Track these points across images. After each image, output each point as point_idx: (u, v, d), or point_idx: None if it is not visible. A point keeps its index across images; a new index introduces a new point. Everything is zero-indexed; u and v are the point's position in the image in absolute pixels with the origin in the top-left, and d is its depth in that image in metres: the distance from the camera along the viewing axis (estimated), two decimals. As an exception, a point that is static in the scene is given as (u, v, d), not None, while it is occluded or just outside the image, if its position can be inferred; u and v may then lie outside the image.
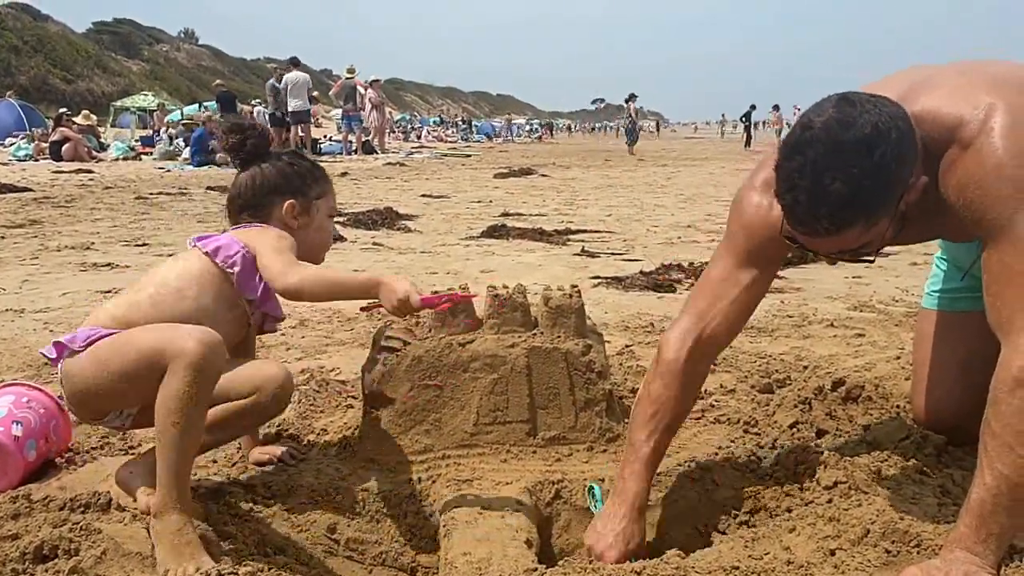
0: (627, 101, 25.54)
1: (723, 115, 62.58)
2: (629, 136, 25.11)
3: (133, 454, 2.15)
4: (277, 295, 1.88)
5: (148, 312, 1.73)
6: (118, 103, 32.72)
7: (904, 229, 1.58)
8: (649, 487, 1.78)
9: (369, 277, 1.81)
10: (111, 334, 1.70)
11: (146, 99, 32.13)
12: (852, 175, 1.41)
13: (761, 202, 1.75)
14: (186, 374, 1.54)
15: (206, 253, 1.84)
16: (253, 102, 23.02)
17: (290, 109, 19.16)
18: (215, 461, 2.15)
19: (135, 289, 1.82)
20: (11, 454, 1.92)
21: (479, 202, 9.97)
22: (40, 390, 2.12)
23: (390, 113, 24.60)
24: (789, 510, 1.76)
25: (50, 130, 18.52)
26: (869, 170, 1.41)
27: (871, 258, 1.60)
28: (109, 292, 4.40)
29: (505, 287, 2.11)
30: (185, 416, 1.55)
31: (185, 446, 1.58)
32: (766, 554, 1.55)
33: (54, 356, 1.75)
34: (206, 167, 15.72)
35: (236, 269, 1.82)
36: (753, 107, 30.34)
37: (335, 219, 2.14)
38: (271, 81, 19.75)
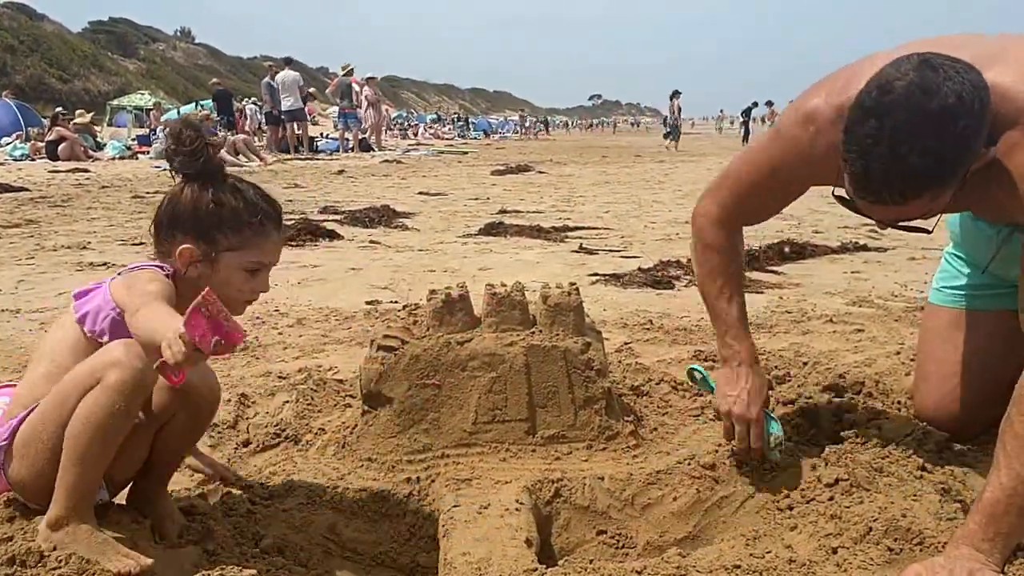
0: (672, 98, 25.47)
1: (721, 111, 62.60)
2: (673, 133, 25.00)
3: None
4: None
5: (46, 390, 1.57)
6: (114, 102, 32.65)
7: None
8: (752, 340, 1.91)
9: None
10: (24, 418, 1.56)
11: (142, 98, 32.06)
12: (932, 148, 1.35)
13: (802, 138, 1.71)
14: (118, 383, 1.42)
15: (79, 320, 1.66)
16: (244, 100, 22.97)
17: (284, 108, 19.16)
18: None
19: (31, 367, 1.69)
20: None
21: (476, 199, 9.95)
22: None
23: (387, 110, 24.56)
24: (790, 508, 1.75)
25: (46, 129, 18.48)
26: (950, 143, 1.36)
27: (929, 228, 1.56)
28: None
29: (503, 285, 2.10)
30: (107, 431, 1.43)
31: (100, 463, 1.46)
32: (768, 552, 1.54)
33: None
34: (203, 166, 15.67)
35: (105, 339, 1.59)
36: (754, 104, 30.35)
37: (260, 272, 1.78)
38: (266, 79, 19.76)
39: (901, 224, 1.54)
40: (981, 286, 2.06)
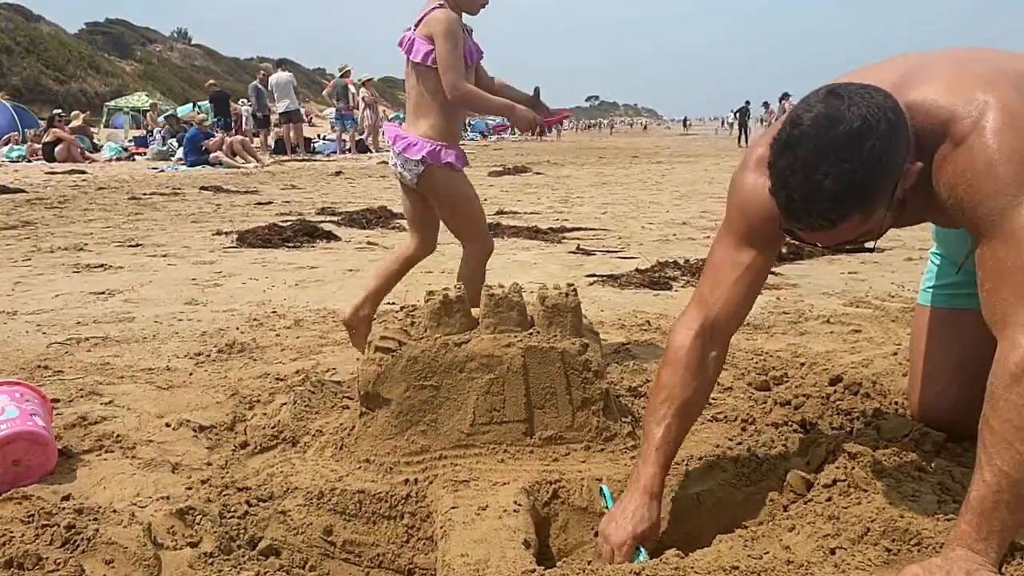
0: (781, 100, 25.41)
1: (727, 116, 62.66)
2: None
3: (129, 456, 2.14)
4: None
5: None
6: (111, 103, 32.63)
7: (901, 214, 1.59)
8: (662, 472, 1.75)
9: (505, 103, 2.92)
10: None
11: (139, 99, 32.06)
12: (844, 170, 1.41)
13: (756, 181, 1.72)
14: None
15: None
16: (241, 101, 22.99)
17: (280, 110, 19.19)
18: (210, 463, 2.14)
19: None
20: (50, 443, 2.00)
21: (474, 200, 9.94)
22: (17, 384, 2.13)
23: (384, 112, 24.56)
24: (788, 508, 1.75)
25: (43, 131, 18.45)
26: (860, 164, 1.41)
27: (872, 245, 1.61)
28: (103, 293, 4.39)
29: (501, 286, 2.09)
30: None
31: None
32: (766, 553, 1.54)
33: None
34: (199, 167, 15.68)
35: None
36: (747, 103, 30.32)
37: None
38: (254, 83, 19.81)
39: (845, 247, 1.60)
40: (962, 283, 2.07)
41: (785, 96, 25.27)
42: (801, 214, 1.48)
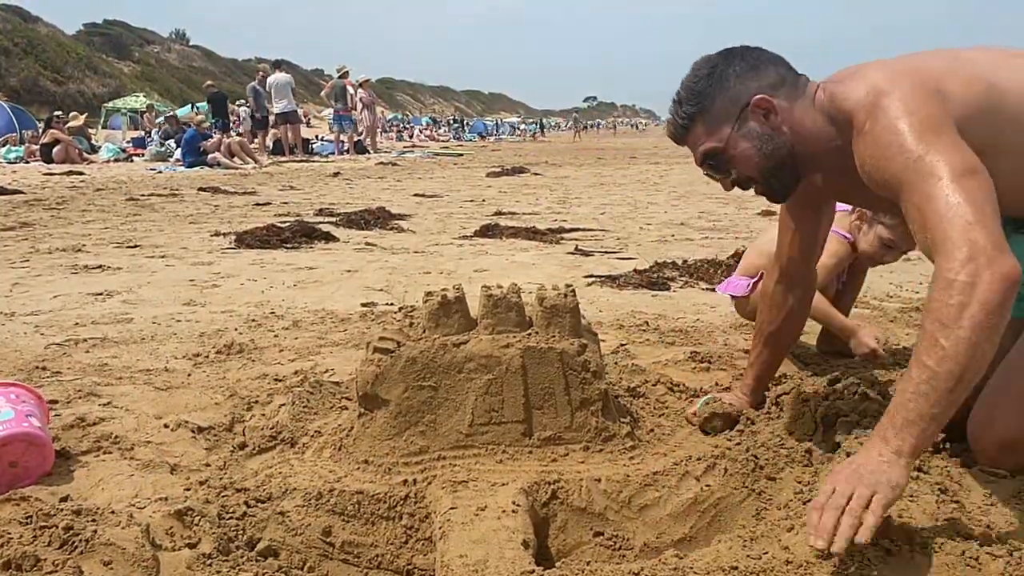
0: None
1: None
2: None
3: (128, 457, 2.14)
4: None
5: None
6: (109, 105, 32.62)
7: (834, 185, 1.98)
8: (753, 384, 2.36)
9: (846, 324, 2.90)
10: None
11: (137, 100, 32.06)
12: (687, 83, 1.89)
13: None
14: None
15: None
16: (238, 102, 23.01)
17: (277, 111, 19.20)
18: (208, 464, 2.13)
19: None
20: (47, 444, 1.99)
21: (472, 201, 9.96)
22: (14, 385, 2.13)
23: (382, 113, 24.56)
24: (787, 508, 1.75)
25: (40, 132, 18.45)
26: (703, 77, 1.86)
27: (746, 183, 1.93)
28: (101, 294, 4.38)
29: (499, 287, 2.09)
30: None
31: None
32: (765, 553, 1.54)
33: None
34: (197, 168, 15.67)
35: None
36: None
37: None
38: (252, 84, 19.83)
39: (716, 175, 1.95)
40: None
41: None
42: (668, 122, 1.97)
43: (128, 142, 21.95)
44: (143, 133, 23.38)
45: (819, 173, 1.97)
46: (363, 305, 4.15)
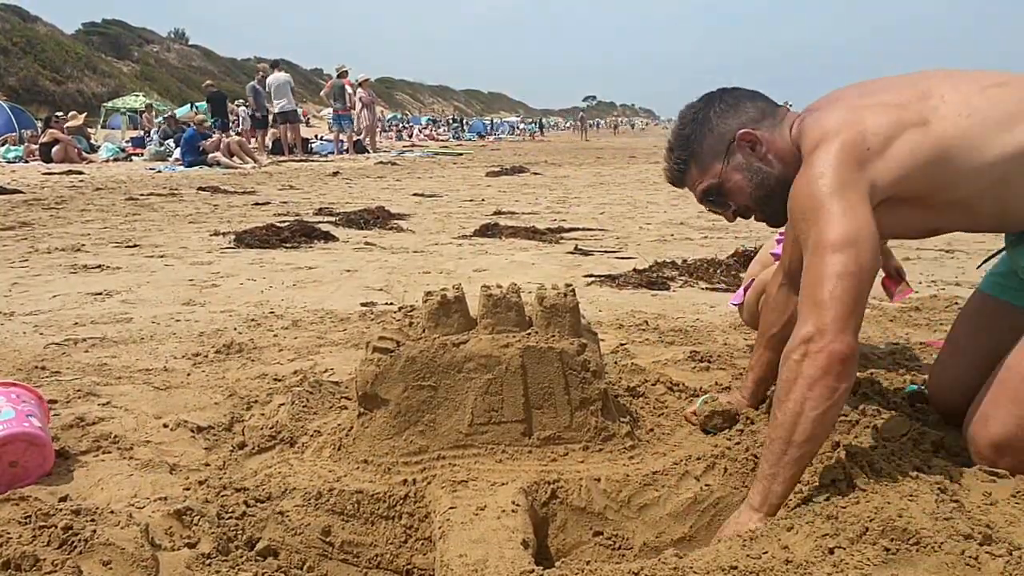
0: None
1: None
2: None
3: (127, 457, 2.14)
4: None
5: None
6: (108, 104, 32.62)
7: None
8: (752, 386, 2.34)
9: None
10: None
11: (136, 100, 32.05)
12: (678, 130, 2.04)
13: None
14: None
15: None
16: (237, 102, 23.01)
17: (276, 110, 19.18)
18: (207, 464, 2.13)
19: None
20: (47, 444, 1.99)
21: (471, 201, 9.96)
22: (14, 384, 2.13)
23: (381, 112, 24.56)
24: (787, 508, 1.75)
25: (40, 132, 18.44)
26: (688, 123, 2.01)
27: (745, 212, 2.03)
28: (100, 294, 4.38)
29: (499, 286, 2.09)
30: None
31: None
32: (764, 553, 1.54)
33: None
34: (197, 167, 15.67)
35: None
36: None
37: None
38: (252, 83, 19.81)
39: (718, 208, 2.05)
40: (1009, 275, 2.14)
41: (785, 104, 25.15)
42: (665, 170, 2.12)
43: (127, 142, 21.93)
44: (142, 133, 23.37)
45: None
46: (362, 305, 4.15)
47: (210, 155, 16.03)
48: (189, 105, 26.51)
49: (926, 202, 1.82)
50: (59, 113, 20.20)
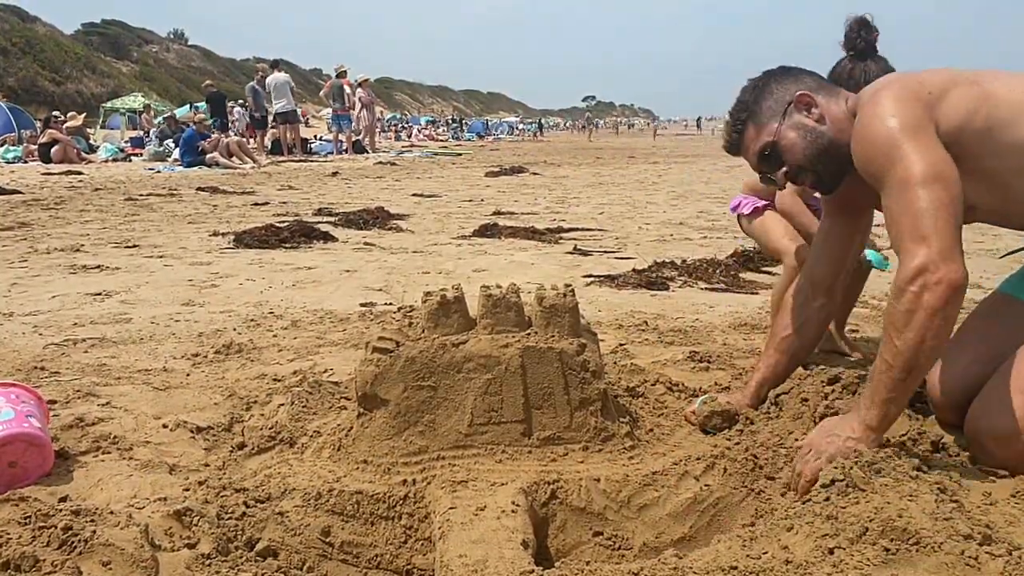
0: None
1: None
2: None
3: (127, 458, 2.13)
4: None
5: None
6: (107, 104, 32.62)
7: (861, 185, 2.01)
8: (757, 388, 2.35)
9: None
10: None
11: (135, 100, 32.05)
12: (738, 99, 2.15)
13: None
14: None
15: None
16: (237, 102, 23.01)
17: (276, 110, 19.18)
18: (207, 464, 2.13)
19: None
20: (47, 444, 1.99)
21: (470, 201, 9.96)
22: (14, 385, 2.13)
23: (380, 112, 24.56)
24: (786, 508, 1.75)
25: (39, 132, 18.43)
26: (748, 90, 2.14)
27: (798, 173, 2.09)
28: (99, 294, 4.38)
29: (498, 286, 2.09)
30: None
31: None
32: (764, 553, 1.54)
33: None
34: (196, 168, 15.66)
35: None
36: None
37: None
38: (251, 83, 19.81)
39: (770, 173, 2.13)
40: None
41: None
42: (724, 138, 2.21)
43: (126, 142, 21.94)
44: (141, 133, 23.37)
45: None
46: (362, 305, 4.15)
47: (209, 155, 16.03)
48: (189, 106, 26.51)
49: (968, 166, 1.85)
50: (56, 113, 20.20)
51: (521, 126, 58.93)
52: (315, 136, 26.04)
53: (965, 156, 1.84)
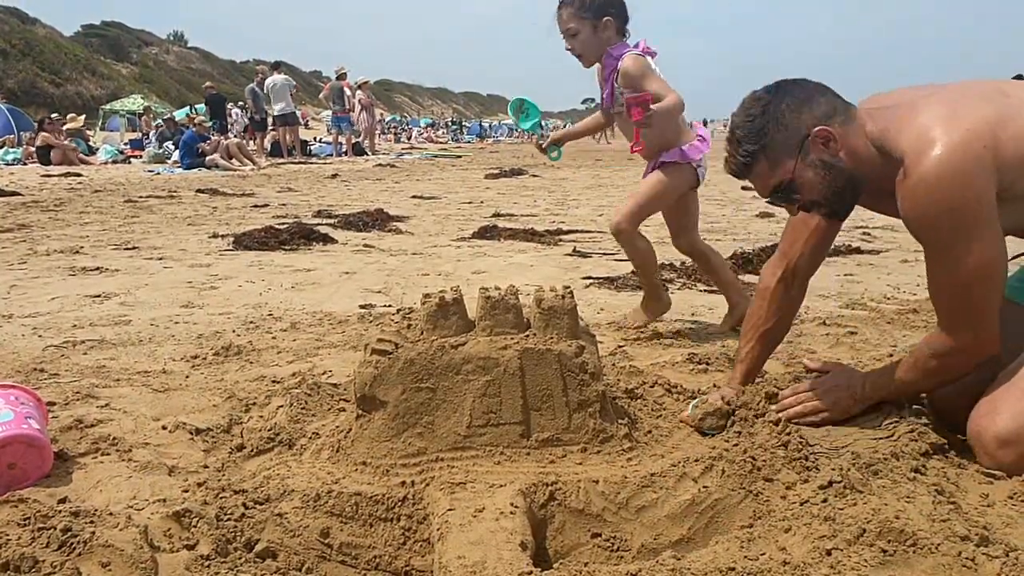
0: None
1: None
2: None
3: (126, 459, 2.14)
4: None
5: None
6: (107, 106, 32.63)
7: (876, 202, 2.09)
8: (741, 379, 2.35)
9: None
10: None
11: (135, 102, 32.08)
12: (745, 121, 1.99)
13: None
14: None
15: None
16: (238, 103, 23.02)
17: (275, 112, 19.19)
18: (206, 466, 2.13)
19: None
20: (46, 446, 2.00)
21: (470, 203, 9.96)
22: (13, 387, 2.13)
23: (380, 114, 24.59)
24: (784, 510, 1.75)
25: (34, 135, 18.45)
26: (757, 115, 1.97)
27: (812, 207, 2.06)
28: (98, 296, 4.38)
29: (497, 288, 2.10)
30: None
31: None
32: (762, 554, 1.54)
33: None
34: (195, 170, 15.67)
35: None
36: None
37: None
38: (251, 85, 19.83)
39: (784, 202, 2.07)
40: None
41: None
42: (728, 161, 2.06)
43: (126, 144, 21.96)
44: (141, 135, 23.38)
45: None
46: (361, 307, 4.15)
47: (208, 157, 16.04)
48: (189, 107, 26.52)
49: (1007, 194, 1.84)
50: (53, 115, 20.21)
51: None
52: (315, 138, 26.07)
53: (1006, 186, 1.83)
